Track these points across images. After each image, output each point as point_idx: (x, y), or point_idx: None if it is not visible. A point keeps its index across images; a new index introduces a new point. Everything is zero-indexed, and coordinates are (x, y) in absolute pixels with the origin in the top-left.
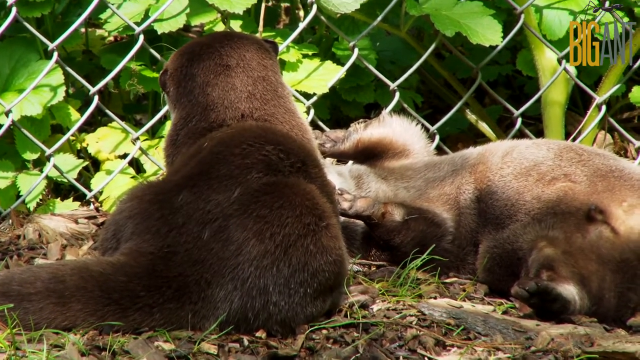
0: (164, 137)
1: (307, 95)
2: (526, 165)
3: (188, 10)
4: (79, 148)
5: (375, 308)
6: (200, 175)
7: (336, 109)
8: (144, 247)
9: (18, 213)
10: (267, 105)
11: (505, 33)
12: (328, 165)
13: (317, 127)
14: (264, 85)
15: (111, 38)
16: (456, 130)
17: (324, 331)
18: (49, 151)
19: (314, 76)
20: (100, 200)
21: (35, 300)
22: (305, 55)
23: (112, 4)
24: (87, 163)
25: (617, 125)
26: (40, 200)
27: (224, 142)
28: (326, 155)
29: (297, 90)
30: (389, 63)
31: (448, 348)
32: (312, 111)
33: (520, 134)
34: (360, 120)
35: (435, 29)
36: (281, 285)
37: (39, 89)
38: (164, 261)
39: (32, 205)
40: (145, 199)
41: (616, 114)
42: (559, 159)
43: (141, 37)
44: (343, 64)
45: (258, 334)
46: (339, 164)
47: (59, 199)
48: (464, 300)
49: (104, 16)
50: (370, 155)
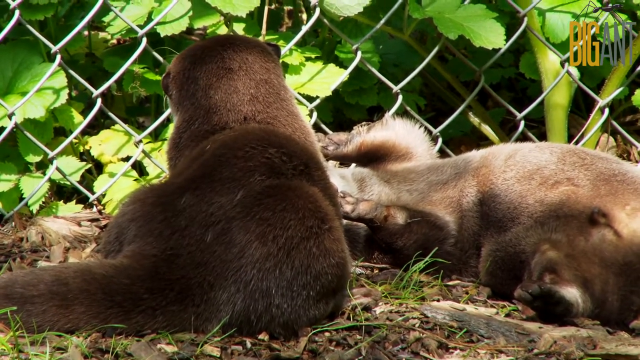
0: (167, 140)
1: (310, 98)
2: (529, 169)
3: (191, 13)
4: (82, 151)
5: (377, 310)
6: (203, 178)
7: (339, 111)
8: (146, 250)
9: (21, 215)
10: (270, 108)
11: (508, 36)
12: (331, 168)
13: (320, 130)
14: (267, 88)
15: (114, 41)
16: (459, 133)
17: (327, 334)
18: (51, 154)
19: (316, 79)
20: (103, 202)
21: (38, 302)
22: (308, 58)
23: (115, 7)
24: (90, 166)
25: (620, 128)
26: (43, 202)
27: (226, 145)
28: (329, 158)
29: (300, 93)
30: (392, 66)
31: (451, 351)
32: (315, 114)
33: (523, 136)
34: (363, 123)
35: (438, 31)
36: (284, 288)
37: (42, 91)
38: (166, 264)
39: (35, 208)
40: (148, 202)
41: (619, 117)
42: (562, 163)
43: (144, 40)
44: (346, 67)
45: (261, 336)
46: (341, 166)
47: (61, 202)
48: (467, 303)
49: (106, 19)
50: (373, 158)
